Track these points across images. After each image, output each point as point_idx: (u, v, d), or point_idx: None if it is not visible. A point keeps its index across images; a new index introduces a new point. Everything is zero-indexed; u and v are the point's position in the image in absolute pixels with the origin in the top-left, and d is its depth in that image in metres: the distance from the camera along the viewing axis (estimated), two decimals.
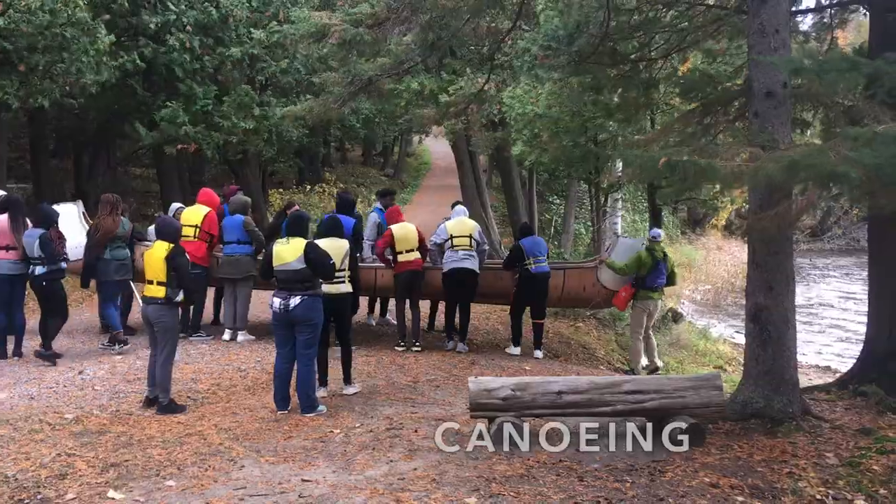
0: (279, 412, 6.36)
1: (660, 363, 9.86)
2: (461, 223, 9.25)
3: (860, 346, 7.95)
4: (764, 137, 5.68)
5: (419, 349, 9.04)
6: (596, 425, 6.02)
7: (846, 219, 33.90)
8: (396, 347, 9.16)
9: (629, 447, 5.52)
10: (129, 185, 25.41)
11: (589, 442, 5.59)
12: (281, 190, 27.66)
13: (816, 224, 34.94)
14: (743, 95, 6.67)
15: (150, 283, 6.41)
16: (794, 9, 7.51)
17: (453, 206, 9.97)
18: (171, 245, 6.42)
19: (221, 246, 9.32)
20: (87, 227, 9.32)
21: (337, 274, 6.82)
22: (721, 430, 5.90)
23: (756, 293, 6.02)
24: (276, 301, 6.33)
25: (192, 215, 9.08)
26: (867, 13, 7.38)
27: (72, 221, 9.28)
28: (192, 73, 15.48)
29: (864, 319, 7.59)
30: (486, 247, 9.48)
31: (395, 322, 9.91)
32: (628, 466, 5.12)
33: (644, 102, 8.96)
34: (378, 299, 10.76)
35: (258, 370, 7.80)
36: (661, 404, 5.71)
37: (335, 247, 6.84)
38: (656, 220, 13.42)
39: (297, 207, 10.07)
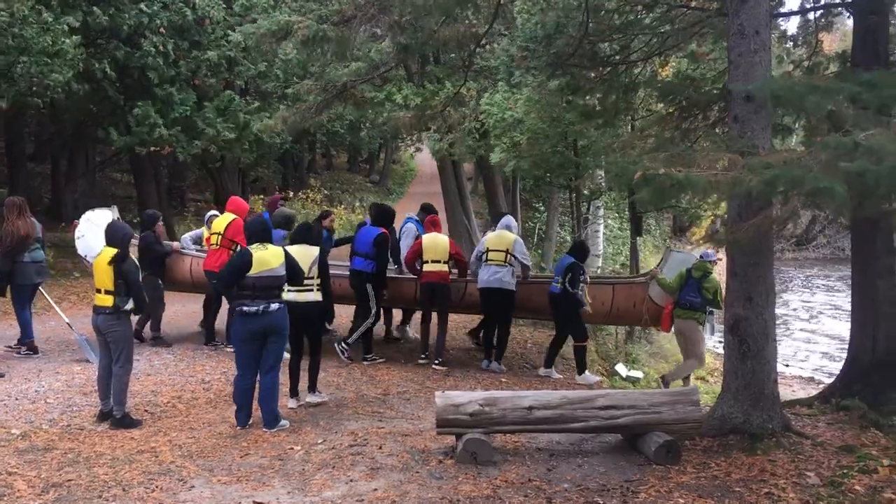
0: (239, 428, 6.08)
1: (639, 374, 9.64)
2: (500, 237, 8.78)
3: (844, 356, 7.76)
4: (743, 143, 5.48)
5: (441, 367, 8.61)
6: (568, 442, 5.82)
7: (831, 228, 33.90)
8: (419, 361, 8.85)
9: (601, 465, 5.30)
10: (108, 189, 25.07)
11: (560, 460, 5.38)
12: (263, 196, 27.38)
13: (801, 233, 34.95)
14: (723, 99, 6.47)
15: (99, 291, 6.09)
16: (776, 11, 7.33)
17: (498, 217, 9.55)
18: (117, 250, 6.09)
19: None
20: None
21: (305, 281, 6.61)
22: (698, 446, 5.67)
23: (735, 304, 5.81)
24: (252, 308, 5.99)
25: (219, 223, 8.77)
26: (851, 16, 7.20)
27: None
28: (168, 79, 15.16)
29: (848, 330, 7.39)
30: (528, 261, 8.91)
31: (415, 335, 9.66)
32: (600, 486, 4.89)
33: (623, 106, 8.75)
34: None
35: (223, 382, 7.51)
36: (636, 420, 5.49)
37: (304, 253, 6.64)
38: (637, 228, 13.23)
39: (332, 218, 9.96)
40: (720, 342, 13.72)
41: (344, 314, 9.72)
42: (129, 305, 6.10)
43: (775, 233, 5.74)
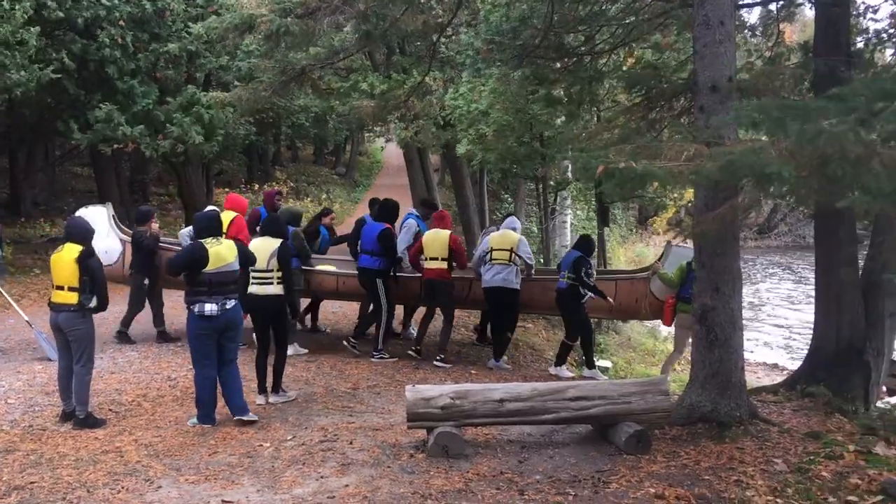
0: (206, 426, 6.00)
1: (608, 364, 9.69)
2: (503, 236, 8.69)
3: (808, 343, 7.88)
4: (709, 133, 5.50)
5: (441, 364, 8.51)
6: (539, 434, 5.83)
7: (792, 216, 34.46)
8: (409, 352, 8.81)
9: (573, 456, 5.32)
10: (67, 184, 24.60)
11: (531, 452, 5.39)
12: (227, 189, 27.06)
13: (763, 221, 35.48)
14: (688, 90, 6.50)
15: (61, 288, 5.93)
16: (740, 2, 7.38)
17: (504, 217, 9.47)
18: (82, 247, 5.95)
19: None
20: (120, 232, 9.03)
21: (265, 275, 6.61)
22: (668, 435, 5.71)
23: (703, 294, 5.85)
24: (210, 306, 5.89)
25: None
26: (812, 7, 7.27)
27: (101, 224, 8.81)
28: (129, 72, 14.86)
29: (812, 317, 7.50)
30: (532, 260, 8.83)
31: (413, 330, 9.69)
32: (572, 477, 4.90)
33: (588, 97, 8.75)
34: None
35: (189, 379, 7.34)
36: (607, 410, 5.52)
37: (264, 246, 6.63)
38: (604, 219, 13.30)
39: (332, 216, 9.93)
40: None
41: (349, 310, 9.61)
42: (94, 303, 5.96)
43: (740, 222, 5.78)
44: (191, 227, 9.49)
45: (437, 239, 8.60)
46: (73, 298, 5.89)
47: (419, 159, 19.61)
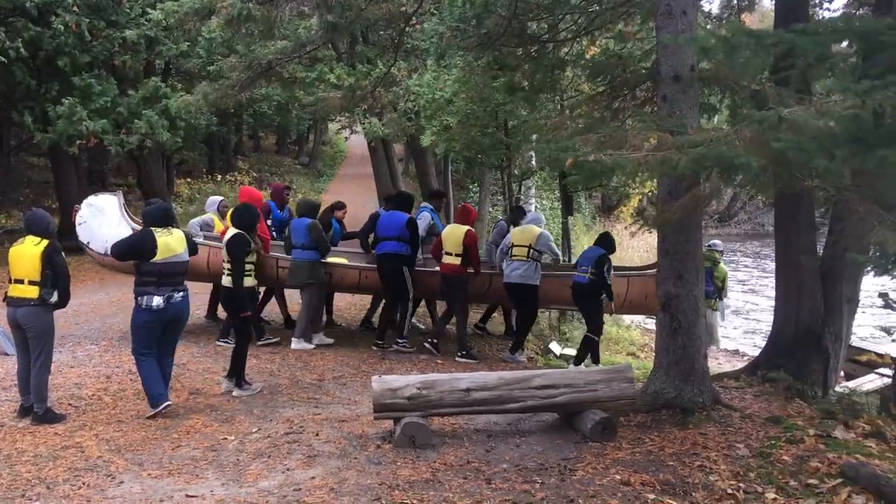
0: (165, 405, 5.95)
1: (573, 352, 9.74)
2: (524, 232, 8.71)
3: (768, 329, 8.01)
4: (672, 122, 5.53)
5: (465, 359, 8.47)
6: (506, 422, 5.85)
7: (752, 204, 35.02)
8: (425, 344, 8.76)
9: (539, 445, 5.34)
10: (23, 175, 24.04)
11: (498, 440, 5.40)
12: (189, 180, 26.69)
13: (724, 210, 36.01)
14: (651, 79, 6.53)
15: (20, 282, 5.78)
16: None
17: (523, 213, 9.58)
18: (47, 241, 5.82)
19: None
20: (132, 222, 8.78)
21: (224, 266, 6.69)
22: (633, 422, 5.77)
23: (666, 282, 5.91)
24: (157, 299, 5.82)
25: None
26: None
27: (112, 213, 8.70)
28: (85, 66, 14.49)
29: (772, 304, 7.62)
30: (555, 253, 8.93)
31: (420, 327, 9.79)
32: (538, 465, 4.92)
33: (550, 84, 8.76)
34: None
35: None
36: (573, 398, 5.55)
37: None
38: (568, 208, 13.35)
39: (345, 210, 9.90)
40: (649, 318, 14.04)
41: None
42: (54, 298, 5.82)
43: (702, 210, 5.85)
44: (200, 218, 9.42)
45: (453, 233, 8.59)
46: (33, 293, 5.75)
47: (383, 149, 19.54)
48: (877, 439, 5.07)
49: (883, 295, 7.03)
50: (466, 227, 8.55)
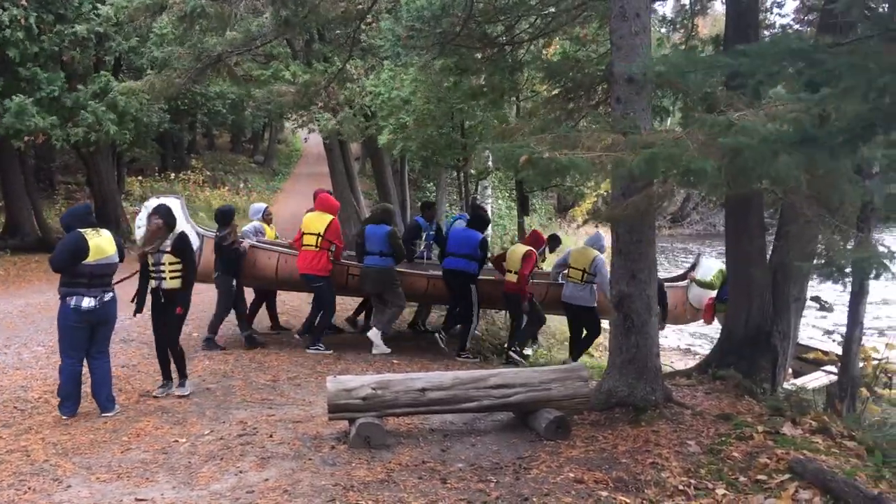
0: (69, 417, 5.88)
1: (528, 352, 9.81)
2: (582, 253, 8.94)
3: (718, 328, 8.14)
4: (626, 123, 5.59)
5: (516, 357, 8.83)
6: (462, 422, 5.86)
7: (704, 205, 35.61)
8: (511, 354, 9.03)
9: (494, 444, 5.36)
10: None
11: (454, 440, 5.40)
12: (141, 178, 26.22)
13: (677, 210, 36.57)
14: (606, 81, 6.60)
15: None
16: None
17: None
18: None
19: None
20: (194, 225, 8.72)
21: (161, 267, 6.49)
22: (587, 420, 5.83)
23: (620, 281, 5.97)
24: (88, 301, 5.78)
25: (314, 223, 8.47)
26: (724, 1, 7.48)
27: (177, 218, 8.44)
28: (32, 57, 14.14)
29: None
30: (605, 285, 8.79)
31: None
32: (493, 465, 4.93)
33: (509, 86, 8.82)
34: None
35: None
36: (528, 397, 5.58)
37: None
38: (524, 208, 13.43)
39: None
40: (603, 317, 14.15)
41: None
42: None
43: (655, 210, 5.92)
44: (251, 225, 9.32)
45: (514, 252, 8.93)
46: None
47: (339, 148, 19.43)
48: (823, 435, 5.20)
49: (815, 298, 7.24)
50: (526, 248, 8.86)
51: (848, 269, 4.75)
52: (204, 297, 9.48)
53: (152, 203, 8.74)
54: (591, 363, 10.06)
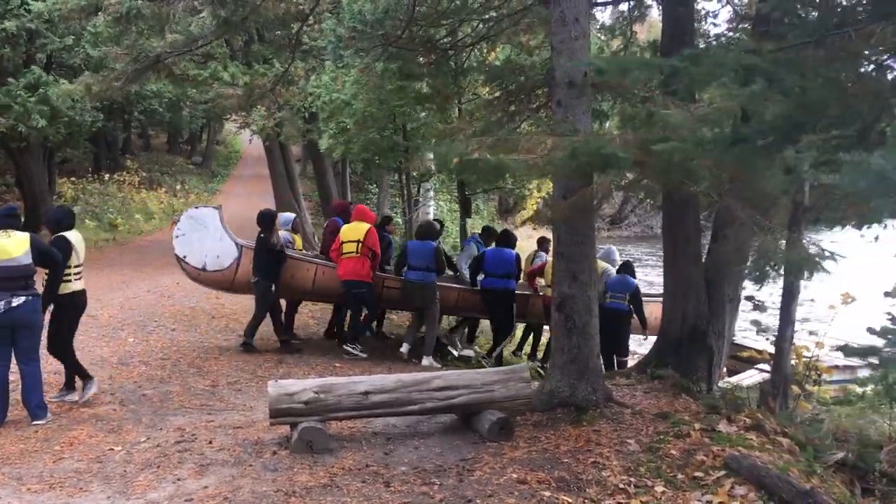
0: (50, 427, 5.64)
1: (471, 353, 9.87)
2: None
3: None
4: (566, 127, 5.67)
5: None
6: (405, 425, 5.84)
7: (642, 208, 36.31)
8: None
9: (438, 446, 5.35)
10: None
11: (397, 443, 5.38)
12: (73, 179, 25.48)
13: (615, 213, 37.21)
14: (546, 84, 6.67)
15: None
16: (594, 0, 7.65)
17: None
18: None
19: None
20: (232, 236, 8.70)
21: (75, 269, 6.35)
22: (529, 421, 5.86)
23: (561, 283, 6.03)
24: None
25: (353, 232, 8.73)
26: (660, 8, 7.64)
27: (213, 227, 8.60)
28: None
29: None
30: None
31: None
32: (437, 467, 4.92)
33: (454, 91, 8.87)
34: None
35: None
36: (471, 399, 5.59)
37: (80, 238, 6.37)
38: (466, 210, 13.48)
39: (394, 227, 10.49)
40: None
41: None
42: None
43: (594, 210, 6.02)
44: (283, 234, 9.23)
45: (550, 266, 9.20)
46: None
47: (280, 150, 19.22)
48: (757, 432, 5.34)
49: (749, 298, 7.45)
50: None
51: (781, 270, 4.89)
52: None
53: (193, 212, 8.67)
54: (534, 364, 10.16)
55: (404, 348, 9.05)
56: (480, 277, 9.42)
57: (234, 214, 18.28)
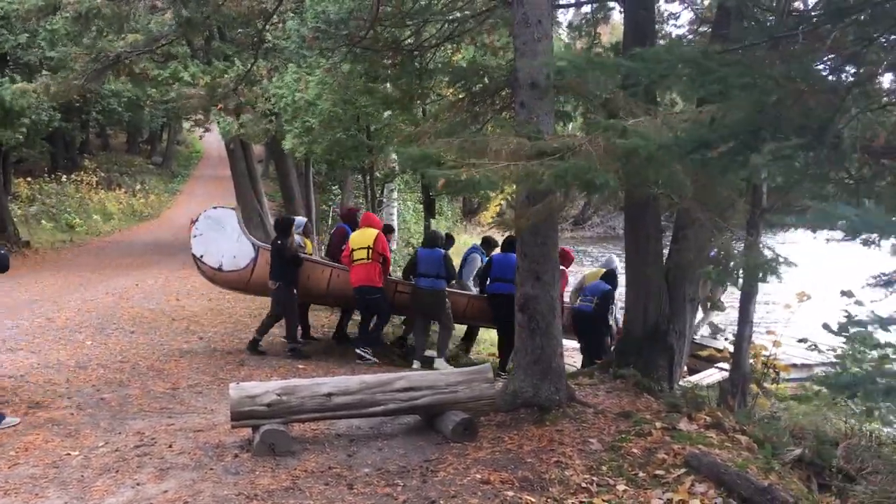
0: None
1: (435, 354, 9.85)
2: (594, 275, 9.85)
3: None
4: (530, 128, 5.69)
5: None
6: (368, 426, 5.82)
7: (604, 209, 36.65)
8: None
9: (401, 447, 5.34)
10: None
11: (360, 445, 5.36)
12: (29, 179, 24.97)
13: (578, 214, 37.52)
14: (509, 86, 6.69)
15: None
16: (556, 2, 7.69)
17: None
18: None
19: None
20: (249, 236, 8.75)
21: None
22: (493, 421, 5.87)
23: (525, 284, 6.06)
24: None
25: (363, 238, 8.84)
26: (622, 11, 7.71)
27: (231, 227, 8.58)
28: None
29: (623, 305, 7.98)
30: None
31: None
32: (400, 468, 4.91)
33: (419, 92, 8.87)
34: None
35: None
36: (435, 400, 5.58)
37: None
38: (430, 211, 13.47)
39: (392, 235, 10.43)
40: None
41: None
42: None
43: (557, 215, 6.05)
44: (295, 238, 9.31)
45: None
46: None
47: (242, 150, 19.04)
48: (717, 430, 5.42)
49: (709, 298, 7.56)
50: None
51: (739, 272, 4.97)
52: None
53: (210, 212, 8.60)
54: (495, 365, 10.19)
55: (416, 365, 9.06)
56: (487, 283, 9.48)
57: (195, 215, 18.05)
